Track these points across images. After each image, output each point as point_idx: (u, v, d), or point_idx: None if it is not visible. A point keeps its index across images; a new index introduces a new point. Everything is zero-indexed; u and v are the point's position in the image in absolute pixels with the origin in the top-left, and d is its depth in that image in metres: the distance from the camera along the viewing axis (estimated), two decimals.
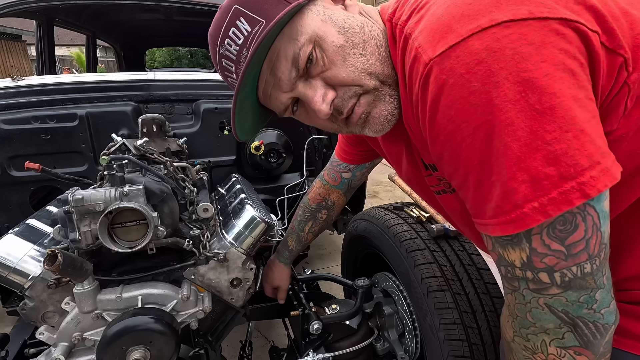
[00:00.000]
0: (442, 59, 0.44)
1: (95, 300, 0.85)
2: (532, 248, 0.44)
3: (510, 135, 0.41)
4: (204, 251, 0.94)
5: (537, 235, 0.43)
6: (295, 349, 1.14)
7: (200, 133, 1.52)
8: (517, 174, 0.41)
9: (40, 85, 1.41)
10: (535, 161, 0.40)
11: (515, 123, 0.40)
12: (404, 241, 1.13)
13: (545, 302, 0.46)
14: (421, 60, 0.46)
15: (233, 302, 1.01)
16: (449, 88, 0.43)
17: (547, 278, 0.45)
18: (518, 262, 0.46)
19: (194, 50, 17.31)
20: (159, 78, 1.54)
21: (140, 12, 2.76)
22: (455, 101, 0.43)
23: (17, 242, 0.88)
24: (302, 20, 0.54)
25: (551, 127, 0.39)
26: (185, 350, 0.95)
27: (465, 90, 0.42)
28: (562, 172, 0.40)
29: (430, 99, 0.46)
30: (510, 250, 0.46)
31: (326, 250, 2.86)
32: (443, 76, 0.44)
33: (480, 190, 0.46)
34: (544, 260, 0.44)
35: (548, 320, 0.47)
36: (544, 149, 0.40)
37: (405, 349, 1.15)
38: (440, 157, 0.51)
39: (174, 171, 1.04)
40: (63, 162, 1.40)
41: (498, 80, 0.40)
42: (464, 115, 0.43)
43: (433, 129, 0.48)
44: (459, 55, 0.42)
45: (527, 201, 0.41)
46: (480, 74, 0.41)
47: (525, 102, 0.40)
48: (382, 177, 4.55)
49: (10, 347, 0.97)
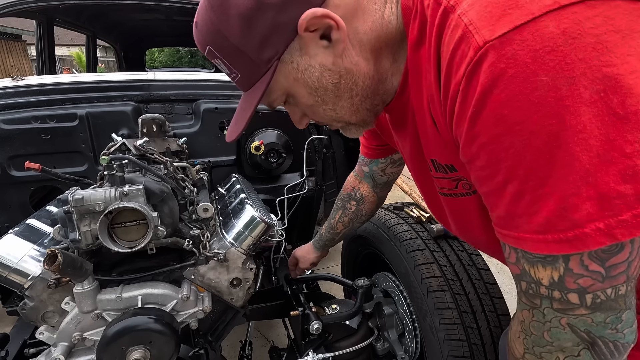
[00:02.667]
0: (502, 42, 0.35)
1: (95, 300, 0.85)
2: (567, 269, 0.40)
3: (581, 144, 0.34)
4: (204, 251, 0.94)
5: (577, 256, 0.39)
6: (295, 349, 1.14)
7: (200, 133, 1.52)
8: (582, 189, 0.35)
9: (40, 85, 1.41)
10: (608, 176, 0.34)
11: (589, 129, 0.33)
12: (404, 241, 1.13)
13: (569, 322, 0.43)
14: (472, 42, 0.37)
15: (233, 302, 1.01)
16: (507, 80, 0.35)
17: (576, 299, 0.41)
18: (546, 280, 0.42)
19: (194, 50, 17.31)
20: (159, 78, 1.54)
21: (140, 12, 2.77)
22: (513, 97, 0.35)
23: (17, 242, 0.88)
24: (275, 78, 0.52)
25: (633, 137, 0.32)
26: (185, 350, 0.95)
27: (529, 85, 0.34)
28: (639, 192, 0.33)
29: (478, 92, 0.38)
30: (540, 268, 0.42)
31: None
32: (501, 65, 0.35)
33: (520, 202, 0.40)
34: (578, 282, 0.40)
35: (567, 339, 0.44)
36: (622, 162, 0.33)
37: (405, 349, 1.15)
38: (473, 159, 0.43)
39: (174, 171, 1.04)
40: (63, 162, 1.39)
41: (574, 76, 0.33)
42: (521, 116, 0.36)
43: (474, 128, 0.40)
44: (525, 39, 0.34)
45: (590, 221, 0.35)
46: (551, 65, 0.33)
47: (604, 105, 0.33)
48: None
49: (10, 347, 0.97)
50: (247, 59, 0.50)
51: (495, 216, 0.46)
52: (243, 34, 0.48)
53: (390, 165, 1.03)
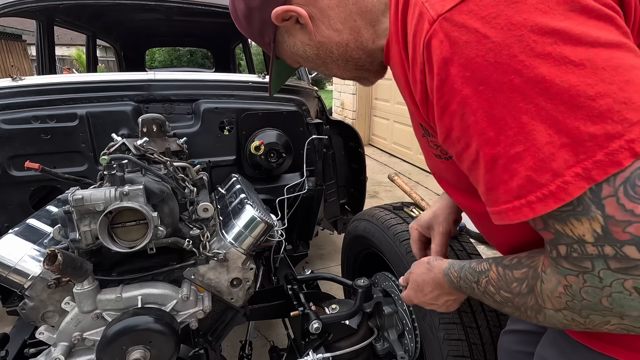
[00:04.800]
0: (452, 14, 0.39)
1: (95, 300, 0.85)
2: (607, 216, 0.35)
3: (543, 93, 0.35)
4: (204, 251, 0.95)
5: (611, 198, 0.35)
6: (295, 349, 1.14)
7: (200, 133, 1.52)
8: (554, 137, 0.35)
9: (40, 85, 1.41)
10: (577, 120, 0.34)
11: (548, 79, 0.35)
12: (403, 241, 1.13)
13: (636, 285, 0.36)
14: (427, 17, 0.41)
15: (233, 302, 1.02)
16: (463, 45, 0.38)
17: (636, 253, 0.34)
18: (589, 235, 0.36)
19: (194, 50, 17.31)
20: (159, 78, 1.54)
21: (140, 12, 2.77)
22: (471, 60, 0.38)
23: (17, 242, 0.88)
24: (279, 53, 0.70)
25: (593, 80, 0.34)
26: (185, 350, 0.95)
27: (482, 47, 0.37)
28: (609, 130, 0.34)
29: (438, 61, 0.41)
30: (575, 223, 0.37)
31: (326, 250, 2.86)
32: (454, 33, 0.39)
33: (495, 169, 0.40)
34: (629, 230, 0.34)
35: (635, 307, 0.37)
36: (587, 105, 0.34)
37: (405, 348, 1.15)
38: (449, 132, 0.44)
39: (174, 171, 1.04)
40: (63, 162, 1.39)
41: (522, 34, 0.35)
42: (482, 76, 0.38)
43: (443, 97, 0.42)
44: (472, 9, 0.38)
45: (568, 167, 0.35)
46: (499, 28, 0.36)
47: (558, 55, 0.35)
48: (382, 177, 4.55)
49: (10, 347, 0.97)
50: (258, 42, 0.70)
51: (480, 194, 0.45)
52: (249, 28, 0.67)
53: None
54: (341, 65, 0.66)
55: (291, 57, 0.69)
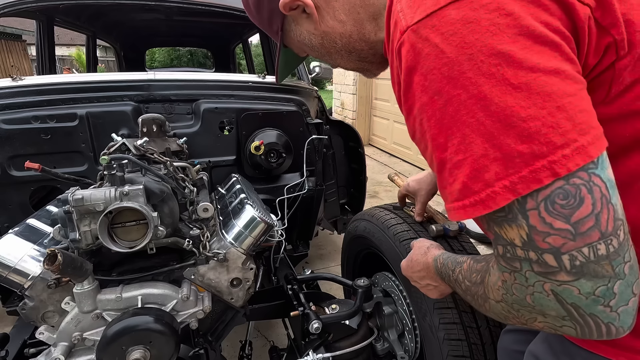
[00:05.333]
0: (418, 27, 0.43)
1: (95, 300, 0.85)
2: (530, 225, 0.39)
3: (484, 110, 0.39)
4: (204, 251, 0.95)
5: (533, 211, 0.39)
6: (295, 349, 1.14)
7: (200, 133, 1.52)
8: (489, 150, 0.39)
9: (40, 85, 1.41)
10: (509, 138, 0.38)
11: (489, 98, 0.39)
12: (403, 241, 1.13)
13: (552, 288, 0.40)
14: (399, 26, 0.46)
15: (233, 302, 1.02)
16: (424, 57, 0.42)
17: (553, 261, 0.39)
18: (518, 240, 0.41)
19: (194, 50, 17.32)
20: (159, 78, 1.54)
21: (140, 12, 2.76)
22: (430, 71, 0.42)
23: (17, 242, 0.88)
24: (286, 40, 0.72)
25: (526, 104, 0.37)
26: (185, 350, 0.95)
27: (439, 61, 0.41)
28: (535, 150, 0.37)
29: (405, 68, 0.45)
30: (507, 228, 0.42)
31: (326, 250, 2.86)
32: (419, 45, 0.43)
33: (443, 172, 0.45)
34: (547, 240, 0.39)
35: (551, 307, 0.41)
36: (519, 125, 0.38)
37: (405, 348, 1.15)
38: (414, 133, 0.50)
39: (174, 171, 1.04)
40: (63, 162, 1.39)
41: (472, 53, 0.39)
42: (436, 87, 0.42)
43: (407, 101, 0.47)
44: (435, 25, 0.41)
45: (498, 179, 0.39)
46: (454, 45, 0.40)
47: (501, 76, 0.38)
48: (382, 177, 4.55)
49: (10, 347, 0.97)
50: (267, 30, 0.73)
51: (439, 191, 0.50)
52: (259, 16, 0.71)
53: None
54: (344, 56, 0.68)
55: (298, 45, 0.72)
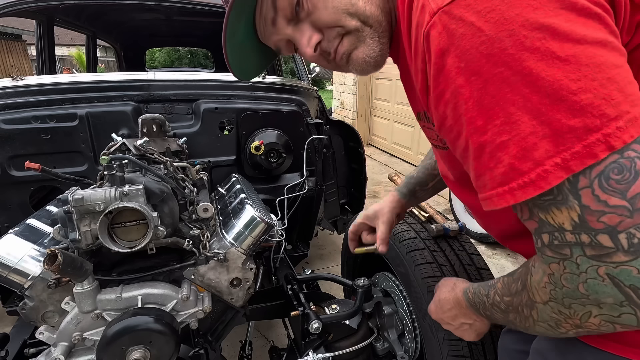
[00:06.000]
0: (450, 7, 0.41)
1: (95, 300, 0.85)
2: (583, 205, 0.37)
3: (529, 86, 0.37)
4: (204, 251, 0.95)
5: (586, 189, 0.37)
6: (295, 349, 1.14)
7: (200, 133, 1.52)
8: (537, 128, 0.37)
9: (40, 85, 1.41)
10: (559, 113, 0.36)
11: (535, 73, 0.37)
12: (403, 241, 1.13)
13: (608, 271, 0.38)
14: (428, 9, 0.43)
15: (233, 302, 1.02)
16: (459, 37, 0.40)
17: (608, 241, 0.37)
18: (568, 224, 0.39)
19: (194, 50, 17.31)
20: (159, 78, 1.54)
21: (140, 12, 2.76)
22: (466, 52, 0.40)
23: (17, 242, 0.88)
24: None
25: (576, 76, 0.36)
26: (185, 350, 0.95)
27: (477, 39, 0.39)
28: (588, 124, 0.36)
29: (436, 51, 0.43)
30: (556, 212, 0.40)
31: (326, 250, 2.86)
32: (452, 26, 0.41)
33: (482, 157, 0.42)
34: (602, 220, 0.37)
35: (607, 294, 0.39)
36: (569, 99, 0.36)
37: (405, 348, 1.15)
38: (443, 121, 0.47)
39: (174, 171, 1.04)
40: (63, 162, 1.39)
41: (513, 28, 0.37)
42: (475, 67, 0.40)
43: (439, 85, 0.44)
44: (469, 4, 0.40)
45: (548, 157, 0.37)
46: (492, 22, 0.38)
47: (546, 50, 0.37)
48: (382, 177, 4.55)
49: (10, 347, 0.97)
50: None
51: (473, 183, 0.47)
52: None
53: None
54: None
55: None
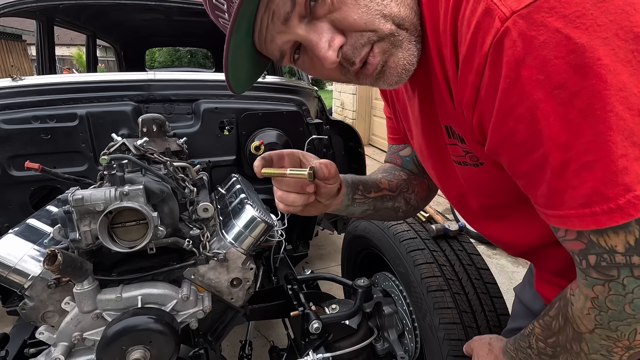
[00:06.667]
0: (529, 12, 0.35)
1: (95, 300, 0.85)
2: None
3: (623, 102, 0.33)
4: (204, 251, 0.95)
5: None
6: (295, 349, 1.14)
7: (200, 133, 1.52)
8: (629, 149, 0.34)
9: (40, 85, 1.41)
10: None
11: (629, 88, 0.33)
12: (403, 241, 1.13)
13: None
14: (497, 14, 0.37)
15: (233, 302, 1.02)
16: (540, 46, 0.35)
17: None
18: (621, 246, 0.38)
19: (194, 50, 17.30)
20: (159, 78, 1.54)
21: (140, 12, 2.77)
22: (548, 62, 0.35)
23: (17, 242, 0.88)
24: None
25: None
26: (185, 350, 0.95)
27: (564, 48, 0.34)
28: None
29: (509, 62, 0.37)
30: (611, 235, 0.38)
31: (326, 250, 2.86)
32: (532, 32, 0.35)
33: (564, 174, 0.38)
34: None
35: None
36: None
37: (405, 348, 1.15)
38: (510, 136, 0.42)
39: (174, 171, 1.04)
40: (63, 162, 1.40)
41: (607, 37, 0.33)
42: (559, 80, 0.35)
43: (509, 99, 0.39)
44: (553, 7, 0.34)
45: None
46: (583, 28, 0.34)
47: (639, 63, 0.33)
48: None
49: (10, 346, 0.97)
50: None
51: (537, 195, 0.44)
52: None
53: None
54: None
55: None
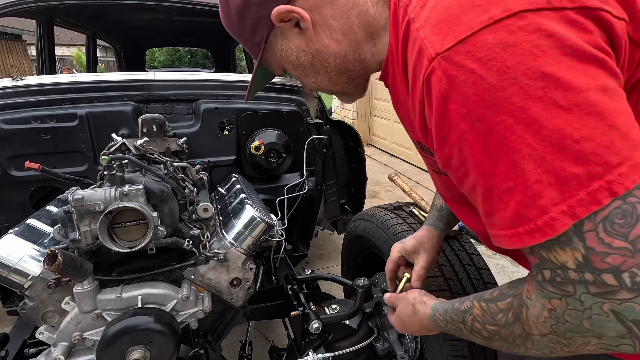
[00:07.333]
0: (450, 54, 0.41)
1: (95, 300, 0.85)
2: (588, 247, 0.39)
3: (534, 134, 0.38)
4: (204, 251, 0.95)
5: (591, 232, 0.38)
6: (295, 349, 1.14)
7: (200, 133, 1.52)
8: (542, 176, 0.38)
9: (40, 85, 1.41)
10: (563, 161, 0.37)
11: (539, 122, 0.38)
12: None
13: (612, 308, 0.39)
14: (426, 54, 0.43)
15: (233, 302, 1.02)
16: (460, 84, 0.40)
17: (613, 280, 0.38)
18: (572, 263, 0.40)
19: (194, 50, 17.31)
20: (159, 78, 1.54)
21: (140, 12, 2.77)
22: (468, 98, 0.40)
23: (17, 242, 0.88)
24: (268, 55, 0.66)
25: (579, 125, 0.37)
26: (185, 350, 0.95)
27: (478, 87, 0.39)
28: (591, 172, 0.37)
29: (437, 97, 0.43)
30: (559, 251, 0.41)
31: (326, 250, 2.86)
32: (452, 72, 0.41)
33: (491, 199, 0.43)
34: (607, 260, 0.38)
35: (611, 328, 0.40)
36: (572, 148, 0.37)
37: (405, 348, 1.15)
38: (449, 160, 0.47)
39: (174, 171, 1.04)
40: (63, 162, 1.39)
41: (516, 77, 0.38)
42: (477, 114, 0.40)
43: (442, 129, 0.45)
44: (469, 51, 0.39)
45: (554, 205, 0.38)
46: (494, 70, 0.38)
47: (549, 99, 0.37)
48: (382, 177, 4.55)
49: (10, 347, 0.97)
50: (245, 41, 0.66)
51: (482, 217, 0.48)
52: (239, 24, 0.63)
53: None
54: (333, 78, 0.65)
55: (278, 61, 0.67)
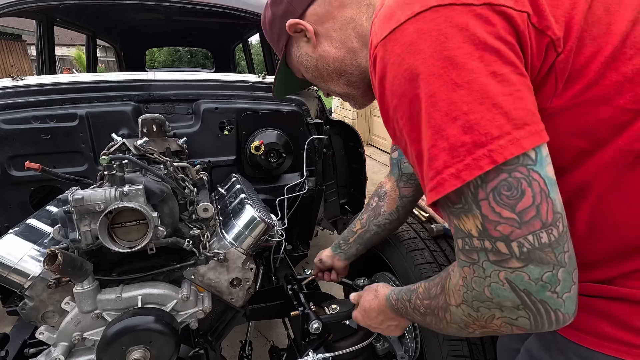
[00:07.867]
0: (385, 42, 0.50)
1: (95, 300, 0.85)
2: (483, 215, 0.45)
3: (433, 105, 0.45)
4: (204, 251, 0.95)
5: (484, 201, 0.44)
6: (295, 349, 1.14)
7: (200, 133, 1.52)
8: (438, 141, 0.45)
9: (40, 85, 1.41)
10: (454, 129, 0.44)
11: (437, 95, 0.45)
12: (403, 241, 1.13)
13: (506, 276, 0.45)
14: (373, 43, 0.53)
15: (233, 302, 1.02)
16: (390, 66, 0.49)
17: (505, 248, 0.44)
18: (475, 231, 0.46)
19: (194, 50, 17.31)
20: (159, 78, 1.54)
21: (140, 12, 2.76)
22: (395, 77, 0.49)
23: (17, 242, 0.88)
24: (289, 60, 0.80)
25: (468, 99, 0.43)
26: (185, 350, 0.95)
27: (401, 67, 0.48)
28: (476, 140, 0.43)
29: (378, 78, 0.52)
30: (464, 219, 0.47)
31: None
32: (386, 57, 0.50)
33: (418, 164, 0.50)
34: (498, 229, 0.44)
35: (506, 297, 0.46)
36: (462, 118, 0.44)
37: (405, 348, 1.15)
38: (394, 134, 0.56)
39: (174, 171, 1.04)
40: (63, 162, 1.39)
41: (425, 57, 0.45)
42: (402, 90, 0.49)
43: (383, 106, 0.54)
44: (397, 38, 0.48)
45: (445, 167, 0.45)
46: (412, 52, 0.47)
47: (447, 77, 0.44)
48: (382, 177, 4.54)
49: (10, 347, 0.97)
50: (275, 47, 0.80)
51: None
52: (270, 33, 0.78)
53: None
54: (334, 79, 0.75)
55: (295, 65, 0.79)
